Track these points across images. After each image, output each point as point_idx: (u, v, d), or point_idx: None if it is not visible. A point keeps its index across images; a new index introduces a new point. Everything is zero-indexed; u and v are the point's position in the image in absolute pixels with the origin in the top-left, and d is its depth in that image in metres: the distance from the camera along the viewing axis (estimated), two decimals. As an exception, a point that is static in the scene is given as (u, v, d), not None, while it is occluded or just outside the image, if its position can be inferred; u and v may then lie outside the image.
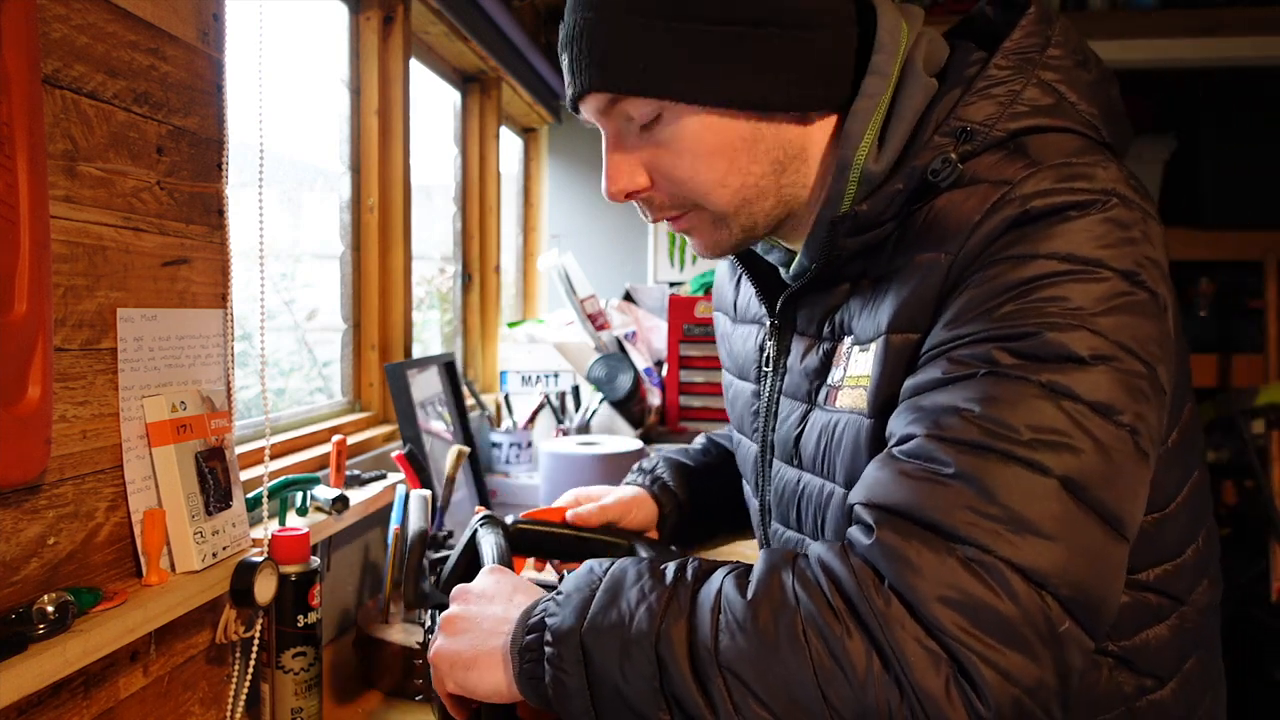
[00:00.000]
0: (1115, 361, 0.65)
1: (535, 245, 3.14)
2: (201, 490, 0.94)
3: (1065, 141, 0.73)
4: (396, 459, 1.39)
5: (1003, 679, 0.58)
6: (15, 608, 0.73)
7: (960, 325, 0.69)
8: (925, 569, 0.61)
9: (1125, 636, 0.78)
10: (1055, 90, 0.76)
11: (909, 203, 0.76)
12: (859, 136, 0.78)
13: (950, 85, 0.78)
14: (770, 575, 0.66)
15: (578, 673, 0.67)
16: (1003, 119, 0.75)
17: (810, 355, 0.85)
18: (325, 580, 1.33)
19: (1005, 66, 0.76)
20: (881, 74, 0.79)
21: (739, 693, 0.62)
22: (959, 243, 0.71)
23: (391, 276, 1.78)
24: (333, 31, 1.74)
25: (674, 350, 2.44)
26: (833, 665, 0.61)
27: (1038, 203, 0.69)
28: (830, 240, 0.79)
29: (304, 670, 1.03)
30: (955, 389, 0.67)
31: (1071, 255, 0.67)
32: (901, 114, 0.78)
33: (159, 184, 0.92)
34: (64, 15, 0.79)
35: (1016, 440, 0.63)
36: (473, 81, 2.46)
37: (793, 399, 0.88)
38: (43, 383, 0.73)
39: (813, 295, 0.86)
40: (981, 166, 0.73)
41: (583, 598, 0.70)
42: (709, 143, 0.78)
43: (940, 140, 0.75)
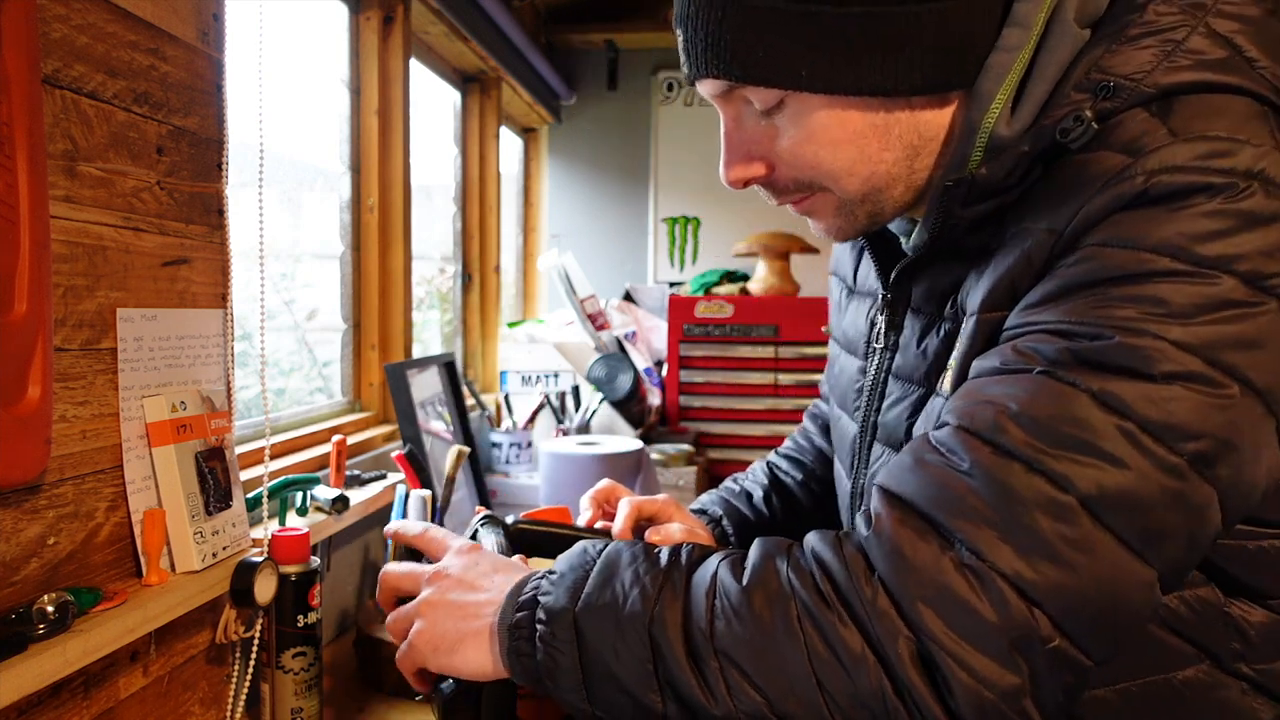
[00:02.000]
0: (1198, 381, 0.58)
1: (535, 245, 3.14)
2: (201, 490, 0.94)
3: (1229, 105, 0.62)
4: (396, 459, 1.39)
5: (975, 682, 0.57)
6: (15, 608, 0.73)
7: (1037, 311, 0.64)
8: (917, 565, 0.60)
9: (1265, 660, 0.70)
10: (1230, 43, 0.64)
11: (1035, 167, 0.68)
12: (990, 96, 0.69)
13: (1101, 35, 0.68)
14: (765, 562, 0.66)
15: (570, 652, 0.67)
16: (1156, 72, 0.64)
17: (930, 336, 0.78)
18: (325, 580, 1.33)
19: (1167, 11, 0.65)
20: (1023, 25, 0.68)
21: (734, 677, 0.62)
22: (1067, 216, 0.64)
23: (391, 276, 1.78)
24: (333, 31, 1.74)
25: (674, 350, 2.44)
26: (828, 653, 0.60)
27: (1163, 179, 0.60)
28: (944, 208, 0.71)
29: (304, 670, 1.03)
30: (1005, 382, 0.63)
31: (1183, 251, 0.59)
32: (1043, 71, 0.68)
33: (159, 184, 0.92)
34: (64, 15, 0.79)
35: (1044, 450, 0.59)
36: (473, 81, 2.46)
37: (905, 381, 0.81)
38: (43, 383, 0.73)
39: (932, 270, 0.78)
40: (1116, 130, 0.64)
41: (576, 577, 0.69)
42: (837, 132, 0.71)
43: (1077, 96, 0.66)
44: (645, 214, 3.11)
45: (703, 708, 0.63)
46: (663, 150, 3.08)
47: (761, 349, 2.41)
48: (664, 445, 2.23)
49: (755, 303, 2.45)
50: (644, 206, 3.11)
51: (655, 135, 3.08)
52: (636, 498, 1.01)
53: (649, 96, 3.08)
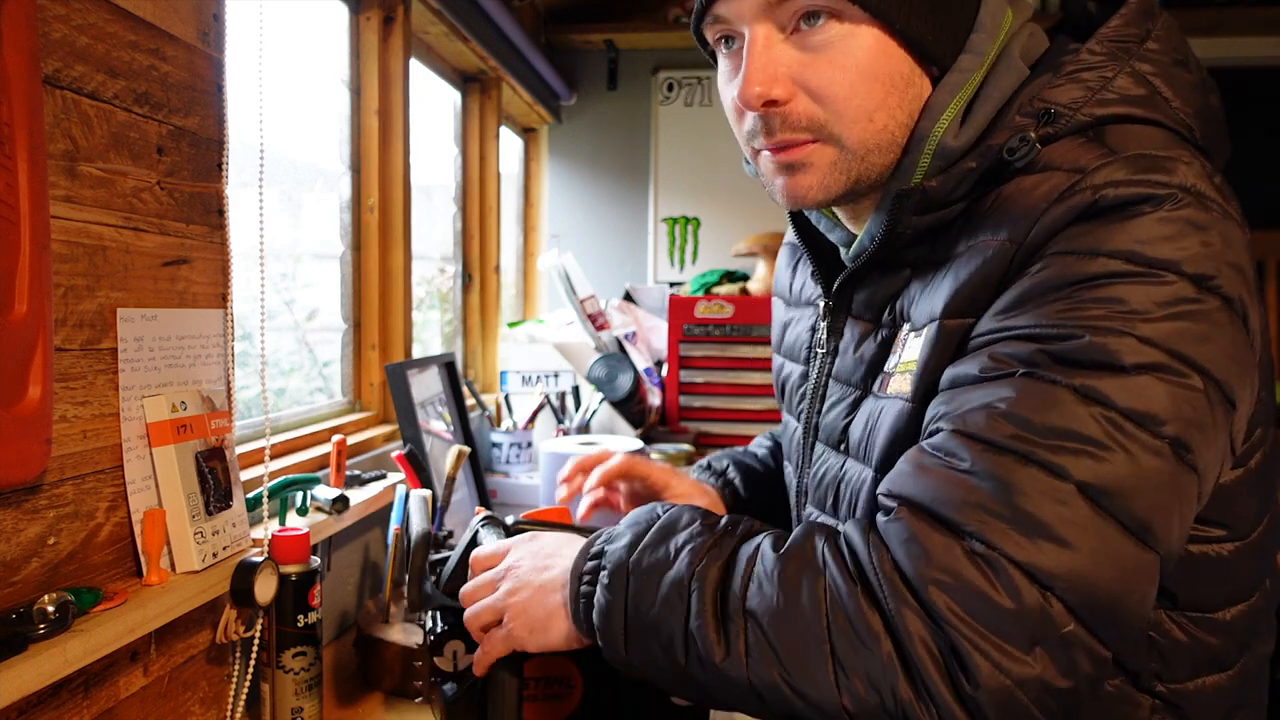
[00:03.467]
0: (1164, 371, 0.63)
1: (535, 245, 3.14)
2: (202, 490, 0.94)
3: (1150, 134, 0.70)
4: (396, 459, 1.39)
5: (995, 668, 0.59)
6: (15, 608, 0.73)
7: (1009, 317, 0.67)
8: (931, 553, 0.62)
9: (1179, 680, 0.74)
10: (1149, 83, 0.73)
11: (980, 184, 0.74)
12: (943, 108, 0.75)
13: (1040, 71, 0.76)
14: (806, 538, 0.69)
15: (619, 600, 0.72)
16: (1089, 103, 0.72)
17: (867, 341, 0.83)
18: (325, 580, 1.33)
19: (1099, 53, 0.73)
20: (977, 53, 0.76)
21: (754, 637, 0.65)
22: (1024, 229, 0.68)
23: (391, 276, 1.78)
24: (333, 31, 1.74)
25: (674, 350, 2.44)
26: (847, 626, 0.63)
27: (1109, 193, 0.66)
28: (895, 215, 0.75)
29: (304, 670, 1.03)
30: (989, 387, 0.66)
31: (1136, 255, 0.64)
32: (989, 95, 0.76)
33: (159, 184, 0.92)
34: (64, 15, 0.79)
35: (1037, 442, 0.62)
36: (473, 81, 2.46)
37: (844, 384, 0.86)
38: (43, 383, 0.73)
39: (872, 278, 0.83)
40: (1057, 152, 0.71)
41: (637, 532, 0.75)
42: (878, 66, 0.74)
43: (1021, 120, 0.73)
44: (645, 214, 3.11)
45: (718, 666, 0.66)
46: (663, 150, 3.08)
47: (761, 349, 2.41)
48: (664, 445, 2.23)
49: (755, 303, 2.45)
50: (644, 206, 3.11)
51: (655, 135, 3.08)
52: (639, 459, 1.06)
53: (649, 96, 3.08)
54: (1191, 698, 0.75)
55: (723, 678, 0.66)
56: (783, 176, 0.79)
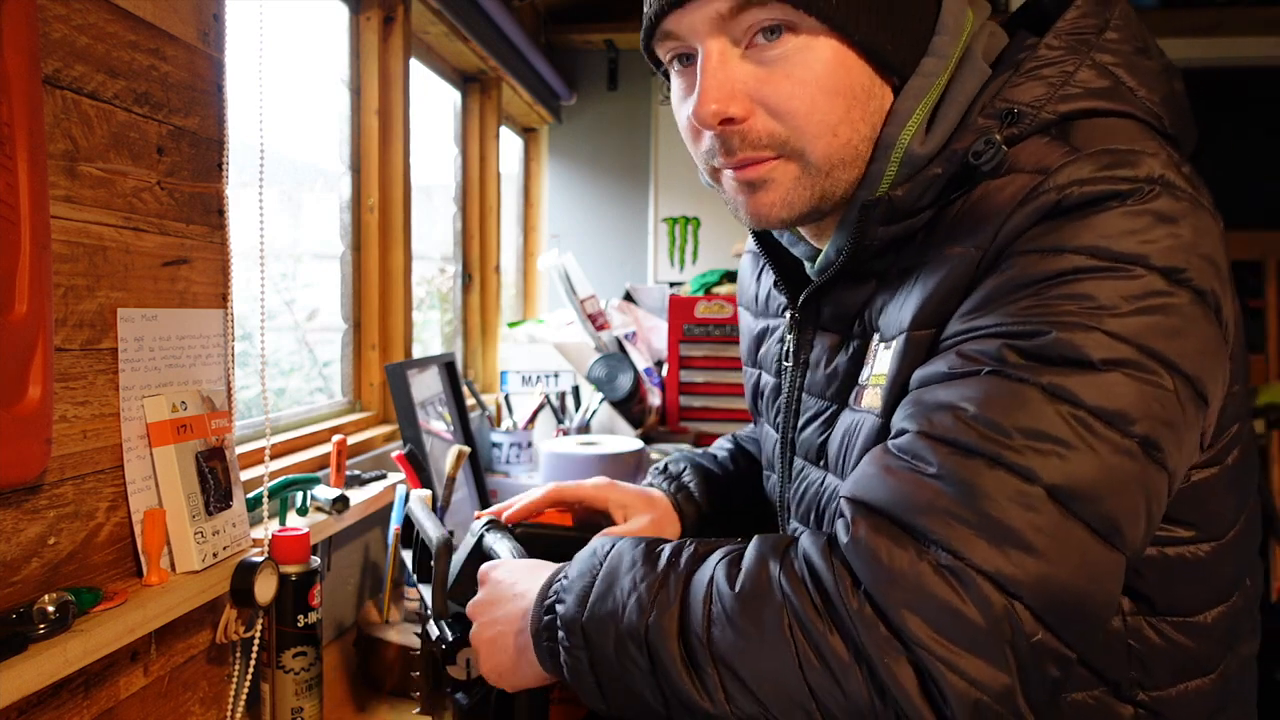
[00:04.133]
0: (1133, 368, 0.61)
1: (535, 245, 3.14)
2: (202, 490, 0.94)
3: (1118, 126, 0.68)
4: (397, 459, 1.39)
5: (969, 685, 0.58)
6: (15, 608, 0.73)
7: (975, 318, 0.66)
8: (896, 574, 0.60)
9: (1160, 686, 0.73)
10: (1112, 74, 0.71)
11: (947, 190, 0.72)
12: (908, 114, 0.73)
13: (1000, 70, 0.74)
14: (759, 568, 0.66)
15: (584, 657, 0.69)
16: (1052, 100, 0.70)
17: (839, 354, 0.81)
18: (325, 580, 1.33)
19: (1057, 47, 0.72)
20: (940, 56, 0.74)
21: (732, 684, 0.63)
22: (990, 235, 0.67)
23: (391, 276, 1.78)
24: (333, 31, 1.74)
25: (674, 350, 2.44)
26: (818, 661, 0.61)
27: (1073, 192, 0.65)
28: (861, 227, 0.74)
29: (304, 670, 1.03)
30: (956, 386, 0.65)
31: (1102, 250, 0.63)
32: (953, 98, 0.74)
33: (159, 184, 0.92)
34: (64, 15, 0.79)
35: (1006, 444, 0.61)
36: (473, 81, 2.46)
37: (818, 397, 0.84)
38: (43, 383, 0.73)
39: (839, 290, 0.81)
40: (1023, 154, 0.69)
41: (584, 584, 0.72)
42: (838, 79, 0.72)
43: (984, 122, 0.71)
44: (645, 214, 3.11)
45: (705, 712, 0.64)
46: (663, 150, 3.08)
47: (761, 349, 2.41)
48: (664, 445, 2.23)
49: (755, 303, 2.44)
50: (644, 206, 3.11)
51: (655, 135, 3.08)
52: (566, 485, 1.01)
53: (649, 96, 3.08)
54: (1174, 704, 0.74)
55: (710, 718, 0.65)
56: (744, 195, 0.77)
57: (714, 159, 0.77)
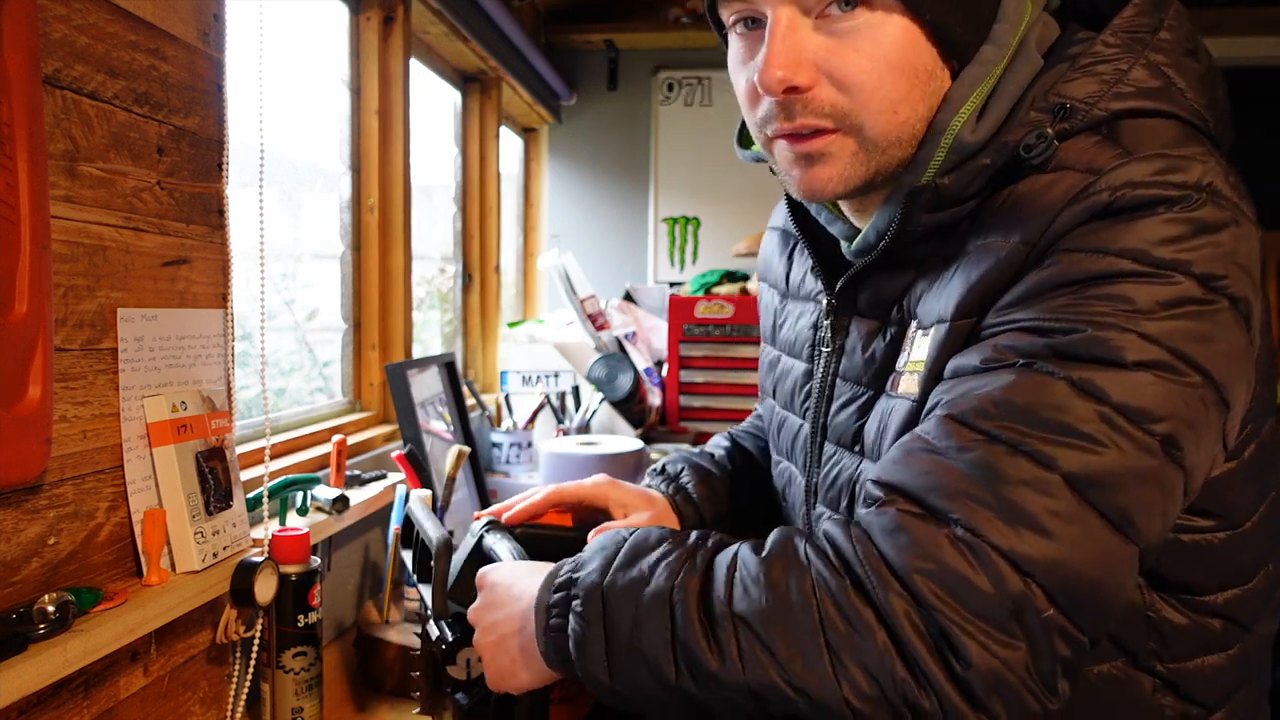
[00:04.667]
0: (1163, 369, 0.63)
1: (535, 245, 3.14)
2: (202, 490, 0.94)
3: (1167, 129, 0.69)
4: (397, 459, 1.39)
5: (983, 650, 0.59)
6: (15, 608, 0.73)
7: (1013, 311, 0.68)
8: (915, 542, 0.62)
9: (1179, 660, 0.75)
10: (1164, 74, 0.72)
11: (993, 181, 0.73)
12: (962, 101, 0.73)
13: (1053, 62, 0.74)
14: (785, 539, 0.69)
15: (596, 625, 0.70)
16: (1105, 98, 0.70)
17: (876, 340, 0.81)
18: (325, 580, 1.33)
19: (1113, 44, 0.72)
20: (1000, 44, 0.74)
21: (747, 641, 0.64)
22: (1038, 231, 0.68)
23: (391, 276, 1.78)
24: (333, 31, 1.74)
25: (674, 350, 2.44)
26: (841, 621, 0.63)
27: (1127, 194, 0.65)
28: (906, 213, 0.74)
29: (304, 670, 1.03)
30: (988, 376, 0.66)
31: (1144, 255, 0.64)
32: (1006, 88, 0.74)
33: (159, 184, 0.92)
34: (64, 15, 0.79)
35: (1028, 432, 0.63)
36: (473, 81, 2.46)
37: (852, 383, 0.84)
38: (43, 383, 0.73)
39: (878, 276, 0.81)
40: (1073, 151, 0.70)
41: (606, 555, 0.73)
42: (905, 57, 0.72)
43: (1037, 116, 0.72)
44: (645, 214, 3.11)
45: (713, 674, 0.65)
46: (663, 150, 3.08)
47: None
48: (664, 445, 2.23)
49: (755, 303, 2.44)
50: (644, 206, 3.11)
51: (655, 135, 3.08)
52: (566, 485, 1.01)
53: (649, 96, 3.08)
54: (1192, 677, 0.75)
55: (719, 686, 0.65)
56: (800, 168, 0.77)
57: (769, 126, 0.76)
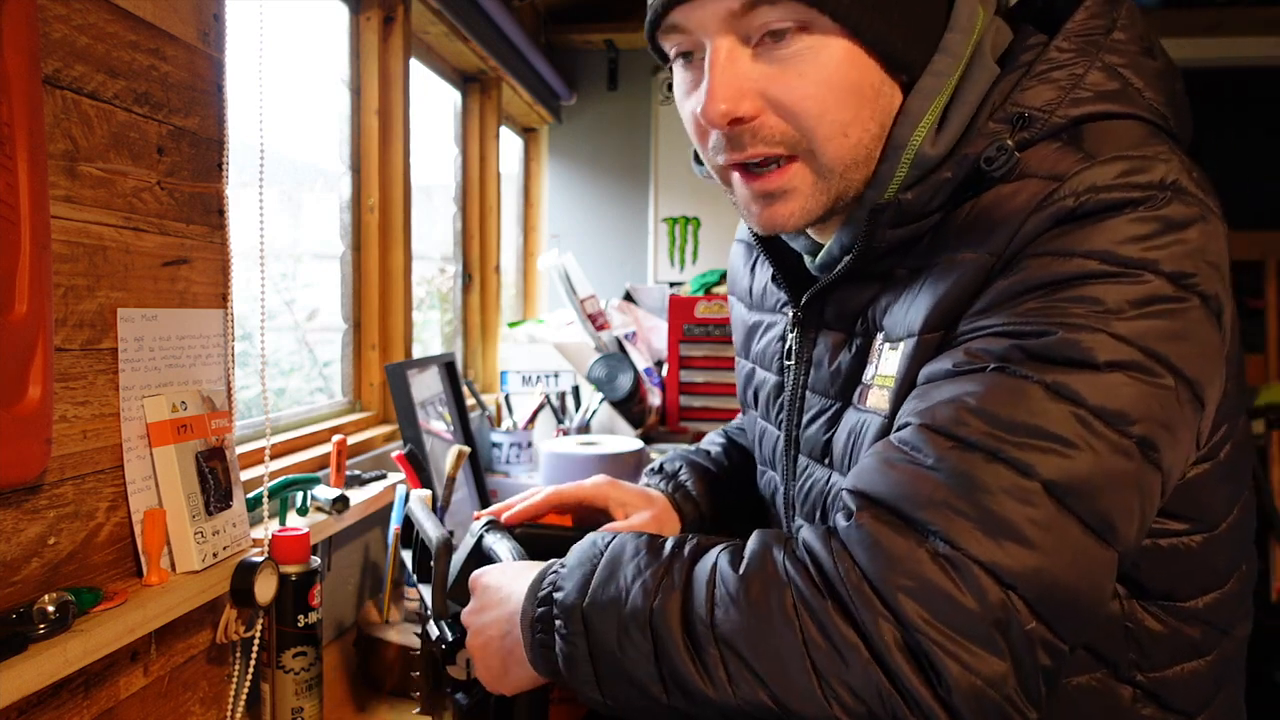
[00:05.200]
0: (1136, 370, 0.62)
1: (535, 245, 3.14)
2: (202, 490, 0.94)
3: (1128, 130, 0.69)
4: (397, 459, 1.39)
5: (963, 669, 0.59)
6: (15, 608, 0.73)
7: (983, 317, 0.67)
8: (895, 558, 0.61)
9: (1158, 669, 0.74)
10: (1120, 75, 0.71)
11: (956, 194, 0.72)
12: (920, 115, 0.72)
13: (1008, 70, 0.73)
14: (763, 551, 0.67)
15: (581, 645, 0.69)
16: (1063, 104, 0.70)
17: (842, 352, 0.81)
18: (325, 580, 1.33)
19: (1067, 49, 0.71)
20: (953, 55, 0.73)
21: (734, 664, 0.63)
22: (1004, 241, 0.68)
23: (391, 276, 1.78)
24: (333, 31, 1.74)
25: (674, 350, 2.44)
26: (824, 641, 0.62)
27: (1089, 199, 0.65)
28: (870, 231, 0.73)
29: (304, 670, 1.03)
30: (960, 381, 0.65)
31: (1112, 255, 0.64)
32: (964, 99, 0.73)
33: (159, 184, 0.92)
34: (64, 15, 0.79)
35: (1005, 439, 0.62)
36: (473, 81, 2.46)
37: (822, 395, 0.84)
38: (43, 383, 0.73)
39: (842, 289, 0.81)
40: (1035, 158, 0.69)
41: (584, 572, 0.71)
42: (849, 78, 0.71)
43: (995, 127, 0.71)
44: (645, 214, 3.11)
45: (704, 696, 0.64)
46: (663, 150, 3.08)
47: (761, 349, 2.41)
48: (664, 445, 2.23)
49: (755, 303, 2.44)
50: (644, 206, 3.11)
51: (655, 135, 3.08)
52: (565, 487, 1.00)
53: (649, 96, 3.08)
54: (1172, 685, 0.75)
55: (710, 705, 0.64)
56: (759, 205, 0.76)
57: (720, 156, 0.76)
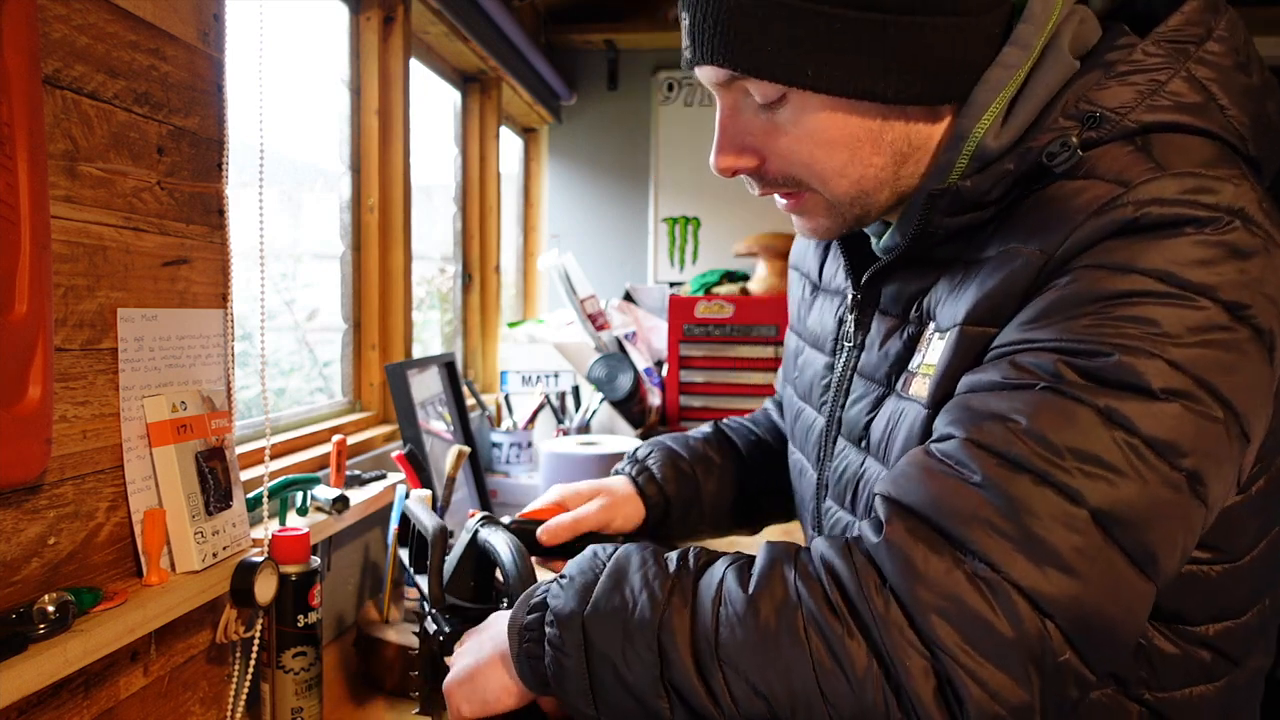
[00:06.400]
0: (1189, 400, 0.60)
1: (535, 245, 3.14)
2: (202, 490, 0.94)
3: (1200, 147, 0.67)
4: (396, 459, 1.39)
5: (989, 697, 0.57)
6: (15, 608, 0.73)
7: (1034, 329, 0.65)
8: (929, 577, 0.59)
9: (1167, 689, 0.73)
10: (1205, 89, 0.69)
11: (1017, 186, 0.71)
12: (984, 107, 0.72)
13: (1089, 67, 0.71)
14: (772, 569, 0.65)
15: (578, 656, 0.67)
16: (1138, 109, 0.68)
17: (893, 338, 0.80)
18: (325, 580, 1.33)
19: (1155, 53, 0.69)
20: (1023, 45, 0.72)
21: (739, 686, 0.62)
22: (1058, 240, 0.66)
23: (391, 276, 1.78)
24: (333, 31, 1.74)
25: (674, 350, 2.44)
26: (833, 664, 0.60)
27: (1152, 210, 0.63)
28: (926, 215, 0.73)
29: (304, 670, 1.03)
30: (1009, 396, 0.63)
31: (1172, 276, 0.61)
32: (1033, 91, 0.72)
33: (159, 184, 0.92)
34: (64, 15, 0.79)
35: (1056, 463, 0.60)
36: (473, 81, 2.46)
37: (868, 379, 0.83)
38: (43, 383, 0.73)
39: (902, 274, 0.81)
40: (1101, 160, 0.67)
41: (585, 581, 0.70)
42: (834, 133, 0.73)
43: (1064, 123, 0.69)
44: (645, 214, 3.11)
45: (710, 716, 0.63)
46: (663, 150, 3.08)
47: (761, 349, 2.41)
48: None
49: (755, 303, 2.45)
50: (644, 206, 3.11)
51: (655, 135, 3.08)
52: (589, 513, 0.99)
53: (649, 96, 3.08)
54: (1179, 707, 0.74)
55: None
56: (794, 216, 0.82)
57: (752, 188, 0.81)
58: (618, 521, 1.01)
